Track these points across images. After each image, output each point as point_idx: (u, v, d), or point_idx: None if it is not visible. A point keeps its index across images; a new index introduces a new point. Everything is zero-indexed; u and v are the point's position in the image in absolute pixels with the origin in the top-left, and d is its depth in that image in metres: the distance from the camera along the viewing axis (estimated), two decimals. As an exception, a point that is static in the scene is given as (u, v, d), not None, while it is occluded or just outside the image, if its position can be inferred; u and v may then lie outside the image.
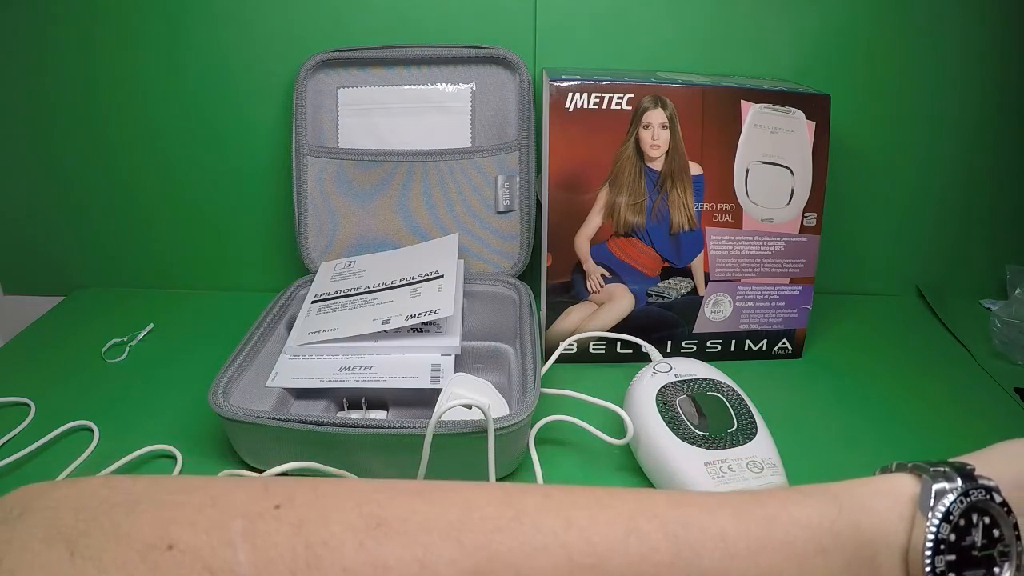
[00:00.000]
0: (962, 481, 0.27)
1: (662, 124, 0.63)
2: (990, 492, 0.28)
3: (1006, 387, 0.67)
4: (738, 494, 0.28)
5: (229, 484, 0.26)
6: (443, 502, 0.26)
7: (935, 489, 0.27)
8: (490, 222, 0.77)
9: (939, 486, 0.27)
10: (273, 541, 0.23)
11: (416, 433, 0.50)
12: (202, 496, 0.25)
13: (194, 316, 0.80)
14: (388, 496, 0.26)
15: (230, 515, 0.24)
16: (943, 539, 0.26)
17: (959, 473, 0.28)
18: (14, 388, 0.65)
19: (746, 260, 0.68)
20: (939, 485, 0.27)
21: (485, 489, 0.27)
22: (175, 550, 0.23)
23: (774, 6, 0.73)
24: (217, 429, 0.59)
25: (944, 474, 0.28)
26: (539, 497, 0.27)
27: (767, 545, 0.26)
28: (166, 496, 0.25)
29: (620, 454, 0.57)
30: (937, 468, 0.28)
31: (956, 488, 0.27)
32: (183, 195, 0.82)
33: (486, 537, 0.25)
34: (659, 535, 0.26)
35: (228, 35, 0.75)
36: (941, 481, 0.27)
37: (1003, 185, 0.81)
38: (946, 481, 0.27)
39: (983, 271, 0.84)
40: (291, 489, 0.26)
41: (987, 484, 0.28)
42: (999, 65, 0.76)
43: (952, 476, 0.27)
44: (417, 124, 0.76)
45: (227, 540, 0.23)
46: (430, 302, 0.62)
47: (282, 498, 0.25)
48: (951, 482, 0.27)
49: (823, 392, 0.67)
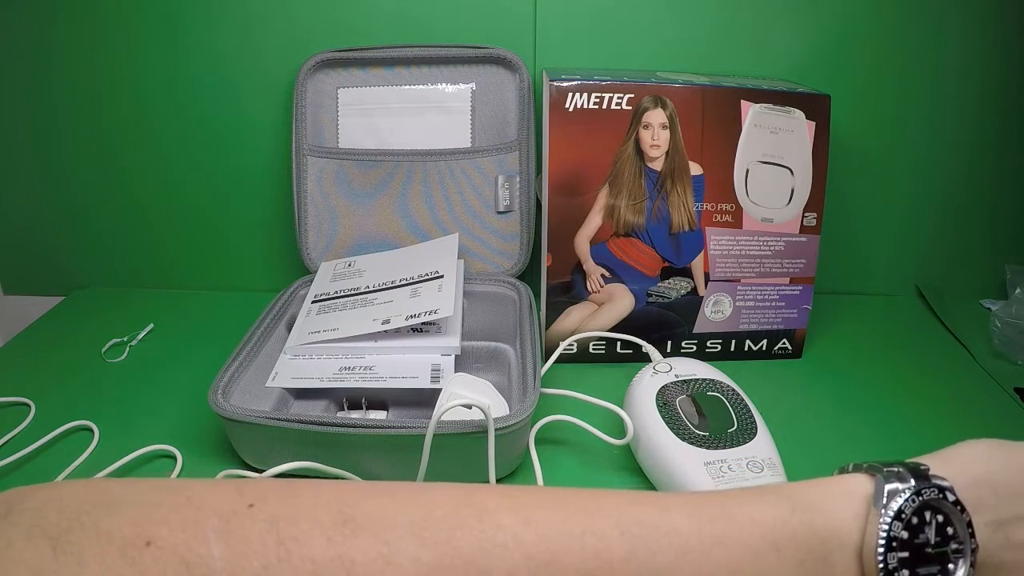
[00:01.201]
0: (915, 480, 0.28)
1: (662, 124, 0.63)
2: (943, 491, 0.28)
3: (1006, 387, 0.67)
4: (694, 493, 0.29)
5: (204, 485, 0.27)
6: (408, 501, 0.27)
7: (887, 489, 0.28)
8: (490, 222, 0.77)
9: (891, 486, 0.28)
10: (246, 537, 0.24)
11: (416, 433, 0.50)
12: (178, 497, 0.26)
13: (194, 316, 0.80)
14: (356, 496, 0.27)
15: (205, 514, 0.25)
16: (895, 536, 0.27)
17: (912, 473, 0.29)
18: (14, 388, 0.65)
19: (746, 260, 0.68)
20: (891, 485, 0.28)
21: (449, 489, 0.28)
22: (153, 547, 0.23)
23: (774, 6, 0.73)
24: (217, 429, 0.59)
25: (897, 474, 0.29)
26: (499, 497, 0.28)
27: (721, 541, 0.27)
28: (144, 497, 0.26)
29: (620, 454, 0.57)
30: (891, 468, 0.29)
31: (909, 487, 0.28)
32: (183, 195, 0.82)
33: (447, 534, 0.25)
34: (614, 533, 0.26)
35: (228, 35, 0.75)
36: (894, 481, 0.28)
37: (1003, 185, 0.81)
38: (899, 481, 0.28)
39: (983, 271, 0.84)
40: (264, 489, 0.27)
41: (940, 484, 0.29)
42: (999, 65, 0.76)
43: (905, 476, 0.28)
44: (417, 124, 0.76)
45: (202, 537, 0.24)
46: (430, 302, 0.62)
47: (255, 498, 0.26)
48: (904, 482, 0.28)
49: (823, 392, 0.67)
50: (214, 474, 0.53)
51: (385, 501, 0.27)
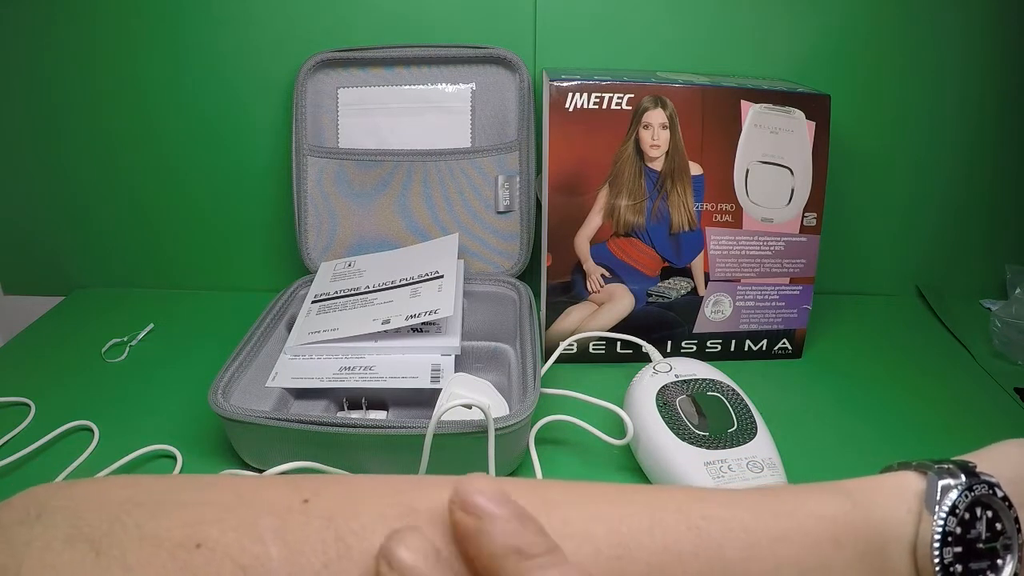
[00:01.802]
0: (966, 477, 0.28)
1: (662, 124, 0.63)
2: (992, 487, 0.29)
3: (1006, 387, 0.67)
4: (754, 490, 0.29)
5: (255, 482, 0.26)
6: None
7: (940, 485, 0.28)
8: (490, 222, 0.77)
9: (944, 482, 0.28)
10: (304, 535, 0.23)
11: (416, 433, 0.50)
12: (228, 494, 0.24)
13: (194, 316, 0.80)
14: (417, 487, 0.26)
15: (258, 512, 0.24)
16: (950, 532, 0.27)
17: (963, 470, 0.29)
18: (14, 388, 0.65)
19: (746, 260, 0.68)
20: (944, 481, 0.28)
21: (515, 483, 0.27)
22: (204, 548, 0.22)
23: (774, 6, 0.73)
24: (217, 429, 0.59)
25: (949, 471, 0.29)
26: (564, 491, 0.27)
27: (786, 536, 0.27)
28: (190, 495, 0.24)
29: (620, 454, 0.57)
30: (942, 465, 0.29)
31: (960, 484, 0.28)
32: (183, 195, 0.82)
33: None
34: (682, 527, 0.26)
35: (228, 35, 0.75)
36: (946, 477, 0.28)
37: (1003, 185, 0.81)
38: (951, 477, 0.28)
39: (983, 271, 0.84)
40: (319, 484, 0.26)
41: (989, 479, 0.29)
42: (999, 65, 0.76)
43: (956, 472, 0.29)
44: (417, 124, 0.76)
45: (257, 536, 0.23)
46: (430, 302, 0.62)
47: (310, 493, 0.25)
48: (955, 478, 0.28)
49: (823, 392, 0.67)
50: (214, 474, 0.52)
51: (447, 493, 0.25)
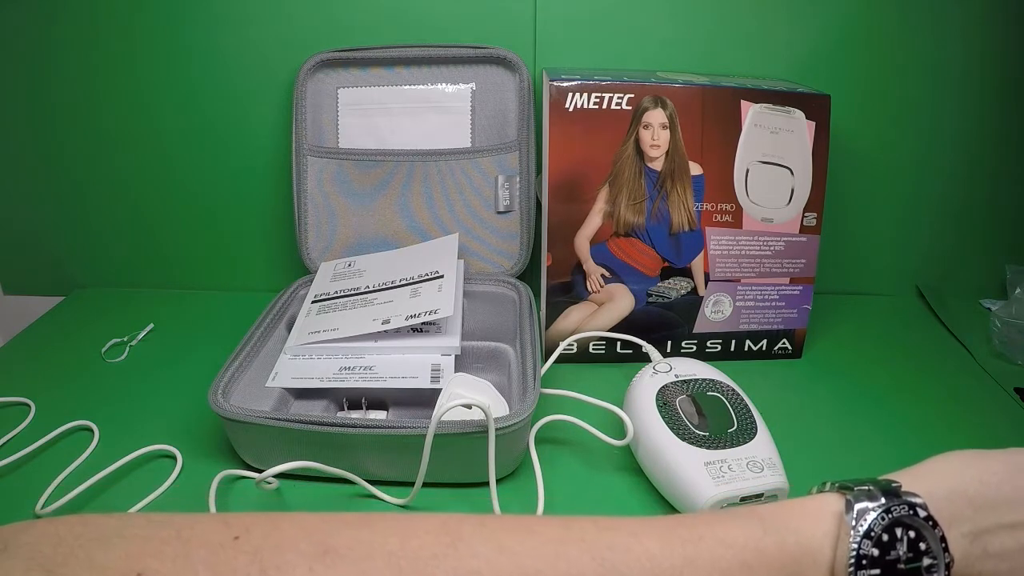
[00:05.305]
0: (885, 498, 0.29)
1: (662, 124, 0.63)
2: (914, 508, 0.29)
3: (1006, 387, 0.67)
4: (667, 518, 0.30)
5: (192, 519, 0.28)
6: (386, 531, 0.28)
7: (857, 508, 0.29)
8: (490, 222, 0.77)
9: (861, 504, 0.29)
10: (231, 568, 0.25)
11: (416, 433, 0.50)
12: (168, 530, 0.26)
13: (194, 316, 0.80)
14: (336, 526, 0.28)
15: (193, 546, 0.26)
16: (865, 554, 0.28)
17: (883, 491, 0.29)
18: (14, 388, 0.65)
19: (746, 260, 0.68)
20: (861, 504, 0.29)
21: (425, 519, 0.29)
22: None
23: (774, 6, 0.73)
24: (217, 429, 0.59)
25: (868, 492, 0.29)
26: (474, 525, 0.28)
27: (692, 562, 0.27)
28: (135, 531, 0.26)
29: (620, 454, 0.57)
30: (861, 487, 0.30)
31: (879, 505, 0.29)
32: (183, 195, 0.82)
33: (424, 563, 0.26)
34: (587, 558, 0.27)
35: (228, 35, 0.75)
36: (863, 499, 0.29)
37: (1002, 185, 0.81)
38: (868, 499, 0.29)
39: (983, 271, 0.84)
40: (249, 522, 0.27)
41: (911, 500, 0.29)
42: (999, 65, 0.76)
43: (875, 494, 0.29)
44: (417, 124, 0.76)
45: (191, 568, 0.25)
46: (430, 302, 0.62)
47: (240, 530, 0.27)
48: (874, 500, 0.29)
49: (823, 392, 0.67)
50: (214, 474, 0.53)
51: (364, 531, 0.27)
